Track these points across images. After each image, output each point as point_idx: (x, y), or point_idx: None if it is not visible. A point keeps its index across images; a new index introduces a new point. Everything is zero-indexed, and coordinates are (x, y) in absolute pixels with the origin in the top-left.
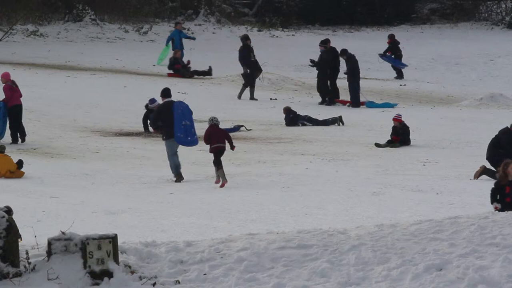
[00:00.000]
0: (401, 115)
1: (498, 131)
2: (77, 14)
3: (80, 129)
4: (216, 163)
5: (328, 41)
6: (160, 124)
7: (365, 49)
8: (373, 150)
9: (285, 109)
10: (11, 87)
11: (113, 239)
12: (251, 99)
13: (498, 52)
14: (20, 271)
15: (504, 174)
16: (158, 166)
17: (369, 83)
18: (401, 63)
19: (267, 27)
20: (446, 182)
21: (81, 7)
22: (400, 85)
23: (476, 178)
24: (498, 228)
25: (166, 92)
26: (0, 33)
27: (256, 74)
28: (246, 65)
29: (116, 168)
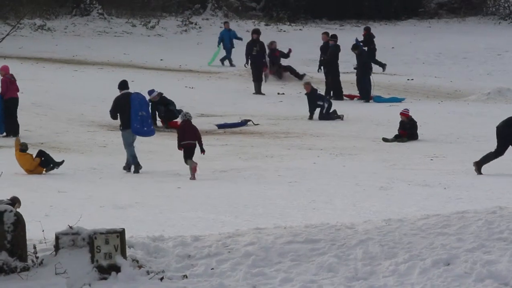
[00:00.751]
0: (408, 110)
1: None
2: (84, 8)
3: (88, 124)
4: (189, 158)
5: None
6: (117, 116)
7: None
8: (381, 144)
9: (307, 86)
10: (9, 80)
11: (121, 233)
12: (255, 93)
13: (506, 47)
14: (28, 266)
15: None
16: (165, 160)
17: (376, 77)
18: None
19: (274, 22)
20: (454, 176)
21: (88, 2)
22: (408, 80)
23: (479, 173)
24: (505, 222)
25: (123, 85)
26: (8, 27)
27: (256, 68)
28: (247, 59)
29: (123, 163)
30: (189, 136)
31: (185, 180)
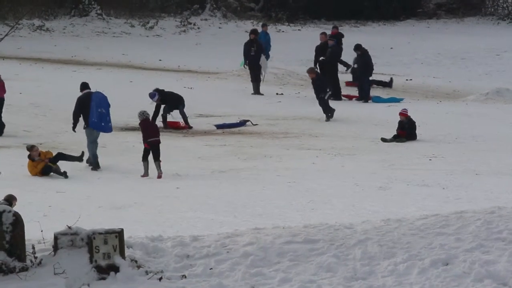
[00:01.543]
0: (407, 110)
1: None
2: (83, 9)
3: None
4: (146, 158)
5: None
6: (79, 116)
7: (370, 44)
8: (379, 144)
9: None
10: None
11: (119, 233)
12: (254, 93)
13: (505, 47)
14: (27, 266)
15: None
16: (164, 160)
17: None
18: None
19: (273, 22)
20: (452, 176)
21: (87, 2)
22: (406, 80)
23: None
24: (504, 222)
25: (84, 85)
26: (7, 27)
27: (253, 69)
28: (245, 60)
29: (122, 163)
30: (153, 133)
31: (184, 181)
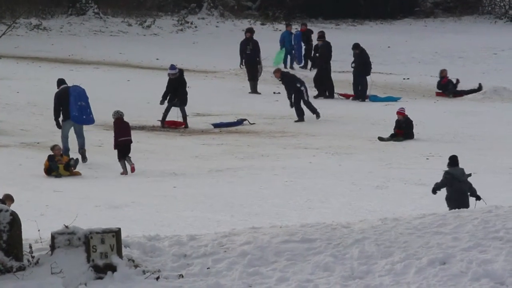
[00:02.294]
0: (404, 109)
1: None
2: (80, 7)
3: None
4: (122, 157)
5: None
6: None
7: (368, 43)
8: (376, 144)
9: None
10: None
11: (117, 233)
12: (251, 92)
13: (502, 46)
14: (24, 265)
15: None
16: (161, 160)
17: (373, 76)
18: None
19: (270, 21)
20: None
21: (84, 1)
22: (404, 79)
23: None
24: (501, 222)
25: (61, 81)
26: (4, 26)
27: (250, 67)
28: (241, 59)
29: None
30: (125, 132)
31: (181, 180)
